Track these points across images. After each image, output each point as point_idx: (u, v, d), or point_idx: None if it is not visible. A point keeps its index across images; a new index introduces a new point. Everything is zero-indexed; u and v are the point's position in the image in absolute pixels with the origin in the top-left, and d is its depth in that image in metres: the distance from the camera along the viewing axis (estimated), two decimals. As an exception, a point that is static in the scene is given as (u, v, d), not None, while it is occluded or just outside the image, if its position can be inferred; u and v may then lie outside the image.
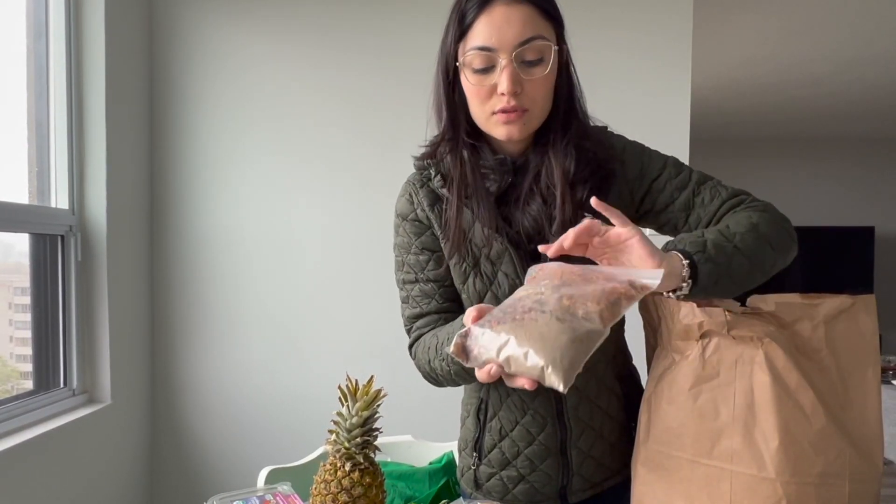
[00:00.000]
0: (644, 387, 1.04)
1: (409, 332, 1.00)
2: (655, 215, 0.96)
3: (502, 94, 0.85)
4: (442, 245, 0.94)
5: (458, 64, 0.88)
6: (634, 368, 1.05)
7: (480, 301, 0.93)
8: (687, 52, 2.12)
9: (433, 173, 0.95)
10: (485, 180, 0.92)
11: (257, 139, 2.20)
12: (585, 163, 0.90)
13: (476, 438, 0.99)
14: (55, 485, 1.72)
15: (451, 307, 0.97)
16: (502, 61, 0.84)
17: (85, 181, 1.93)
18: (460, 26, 0.87)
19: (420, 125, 0.99)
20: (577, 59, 0.89)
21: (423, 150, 0.98)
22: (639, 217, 0.98)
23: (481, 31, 0.84)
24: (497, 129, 0.88)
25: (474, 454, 1.00)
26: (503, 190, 0.92)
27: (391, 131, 2.12)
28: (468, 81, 0.87)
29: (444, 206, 0.94)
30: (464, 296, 0.96)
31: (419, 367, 0.97)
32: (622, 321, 0.99)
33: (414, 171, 0.99)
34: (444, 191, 0.94)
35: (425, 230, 0.96)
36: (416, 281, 0.97)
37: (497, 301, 0.90)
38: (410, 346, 0.99)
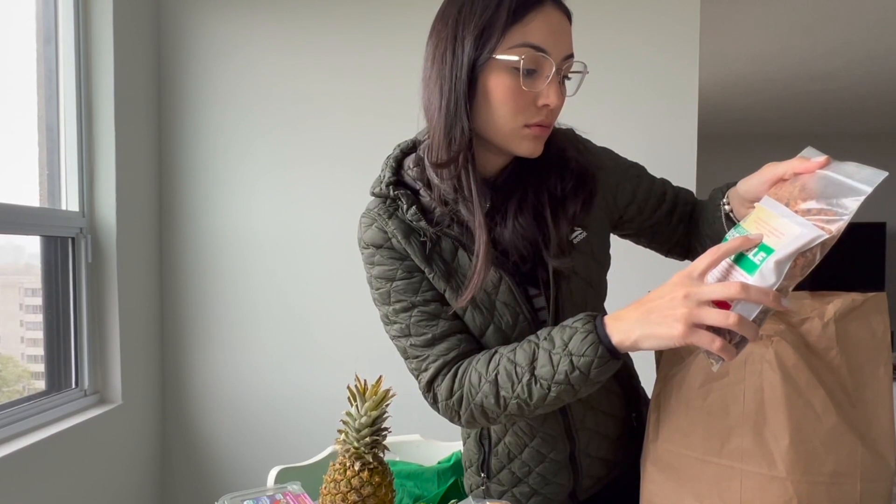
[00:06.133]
0: (635, 369, 1.04)
1: (421, 364, 0.85)
2: (642, 221, 0.98)
3: (544, 106, 0.75)
4: (430, 277, 0.84)
5: (493, 58, 0.74)
6: (626, 355, 1.05)
7: (482, 336, 0.85)
8: (694, 49, 2.11)
9: (405, 205, 0.83)
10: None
11: (266, 140, 2.21)
12: (570, 175, 0.85)
13: (481, 461, 0.97)
14: (67, 485, 1.74)
15: (465, 326, 0.86)
16: (552, 71, 0.74)
17: (95, 183, 1.94)
18: (509, 14, 0.73)
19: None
20: (585, 57, 0.87)
21: (410, 171, 0.85)
22: (621, 223, 0.98)
23: (538, 30, 0.73)
24: (523, 143, 0.78)
25: (482, 474, 0.97)
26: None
27: (401, 130, 2.11)
28: (508, 82, 0.74)
29: (421, 238, 0.83)
30: None
31: (458, 404, 0.83)
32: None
33: (373, 202, 0.87)
34: (422, 224, 0.82)
35: (405, 257, 0.84)
36: (414, 306, 0.84)
37: (501, 334, 0.84)
38: (431, 382, 0.84)
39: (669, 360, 0.85)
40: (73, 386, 1.91)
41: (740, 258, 0.65)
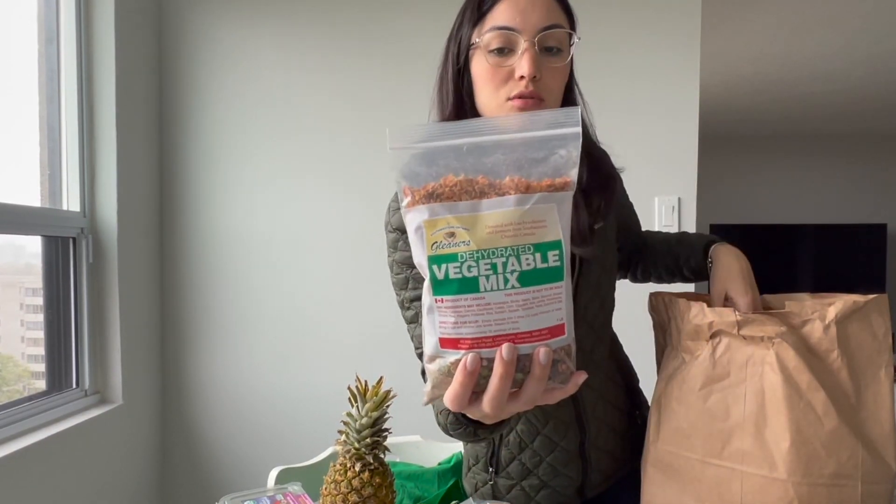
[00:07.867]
0: (636, 372, 1.07)
1: (420, 355, 0.88)
2: (626, 241, 1.08)
3: (521, 77, 0.81)
4: None
5: (471, 47, 0.84)
6: (624, 352, 1.09)
7: None
8: (695, 49, 2.10)
9: None
10: None
11: (267, 142, 2.21)
12: (596, 171, 0.89)
13: (490, 454, 0.96)
14: (67, 485, 1.74)
15: None
16: (524, 44, 0.80)
17: (96, 184, 1.94)
18: (479, 10, 0.83)
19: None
20: (585, 57, 0.88)
21: None
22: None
23: (503, 13, 0.81)
24: None
25: (490, 469, 0.97)
26: None
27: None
28: (484, 64, 0.83)
29: None
30: None
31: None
32: (612, 306, 0.99)
33: None
34: None
35: None
36: None
37: None
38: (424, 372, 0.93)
39: (670, 360, 0.85)
40: (74, 386, 1.91)
41: None
